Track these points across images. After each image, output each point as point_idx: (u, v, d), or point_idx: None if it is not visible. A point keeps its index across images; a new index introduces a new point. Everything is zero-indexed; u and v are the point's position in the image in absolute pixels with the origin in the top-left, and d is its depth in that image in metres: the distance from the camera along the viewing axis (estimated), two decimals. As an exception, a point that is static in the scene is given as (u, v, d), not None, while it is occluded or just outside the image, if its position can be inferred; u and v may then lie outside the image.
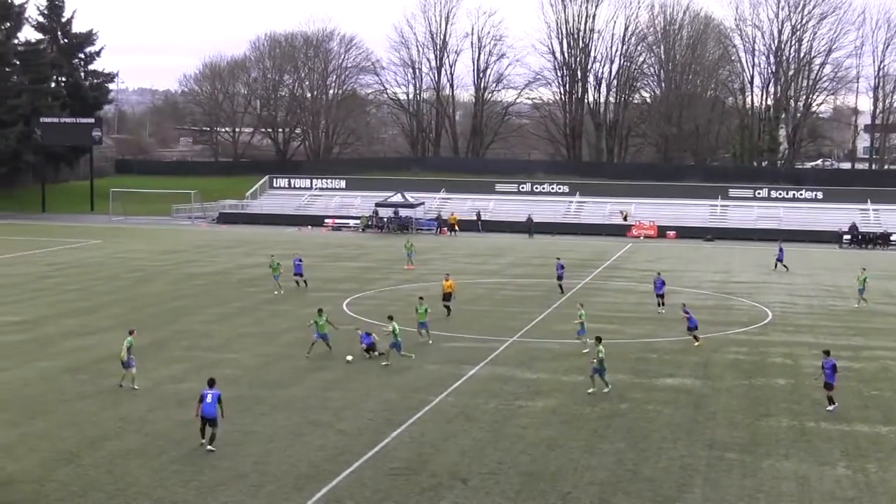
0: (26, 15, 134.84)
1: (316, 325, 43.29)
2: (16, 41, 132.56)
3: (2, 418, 33.51)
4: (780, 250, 76.87)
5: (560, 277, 62.21)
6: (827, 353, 36.37)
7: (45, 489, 27.13)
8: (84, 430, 32.22)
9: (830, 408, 35.05)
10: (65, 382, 38.48)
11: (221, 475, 28.15)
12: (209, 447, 30.26)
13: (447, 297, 53.18)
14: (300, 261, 63.58)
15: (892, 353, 46.02)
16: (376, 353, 42.65)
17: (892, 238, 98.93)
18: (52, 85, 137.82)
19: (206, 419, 30.34)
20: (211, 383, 31.27)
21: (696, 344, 45.98)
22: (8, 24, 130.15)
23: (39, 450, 30.32)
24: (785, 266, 75.07)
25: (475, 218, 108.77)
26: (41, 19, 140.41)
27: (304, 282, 63.05)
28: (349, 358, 41.78)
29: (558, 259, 64.11)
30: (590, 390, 37.17)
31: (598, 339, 37.97)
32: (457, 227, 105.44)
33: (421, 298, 47.23)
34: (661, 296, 55.73)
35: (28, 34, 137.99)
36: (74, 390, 37.26)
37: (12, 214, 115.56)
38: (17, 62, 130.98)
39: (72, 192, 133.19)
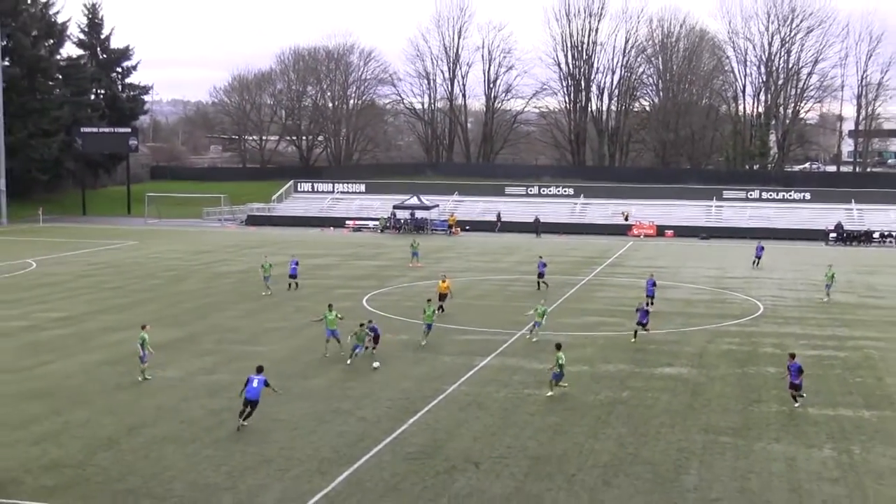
0: (68, 32, 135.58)
1: (326, 320, 42.69)
2: (58, 57, 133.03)
3: (47, 407, 33.71)
4: (760, 248, 76.64)
5: (541, 275, 61.68)
6: (792, 356, 35.29)
7: (87, 473, 27.28)
8: (122, 418, 32.36)
9: (797, 404, 34.21)
10: (104, 374, 38.63)
11: (250, 460, 28.26)
12: (243, 423, 30.96)
13: (442, 297, 51.86)
14: (296, 263, 62.07)
15: (874, 343, 46.01)
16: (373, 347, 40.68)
17: (874, 236, 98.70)
18: (92, 97, 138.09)
19: (249, 401, 31.08)
20: (259, 370, 32.06)
21: (633, 340, 45.03)
22: (51, 41, 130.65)
23: (81, 436, 30.47)
24: (756, 261, 75.15)
25: (496, 219, 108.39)
26: (82, 36, 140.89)
27: (296, 284, 60.64)
28: (376, 365, 39.64)
29: (541, 257, 63.91)
30: (549, 393, 35.47)
31: (558, 346, 36.26)
32: (454, 228, 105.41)
33: (429, 301, 46.46)
34: (651, 296, 53.92)
35: (70, 50, 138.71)
36: (113, 381, 37.41)
37: (55, 217, 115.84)
38: (60, 76, 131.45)
39: (110, 197, 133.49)
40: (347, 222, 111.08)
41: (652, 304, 52.88)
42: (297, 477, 26.94)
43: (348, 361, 40.19)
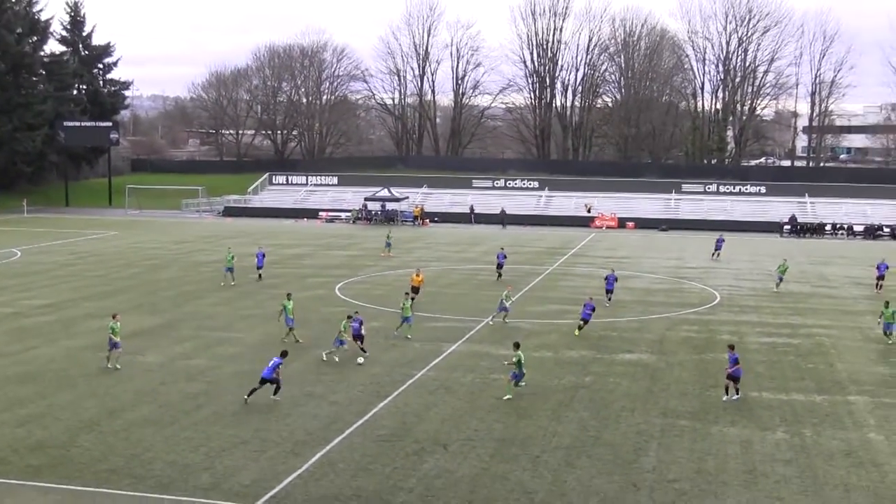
0: (51, 30, 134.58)
1: (285, 309, 42.30)
2: (42, 53, 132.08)
3: (31, 391, 33.60)
4: (721, 240, 76.38)
5: (500, 266, 61.22)
6: (731, 346, 34.56)
7: (70, 453, 27.22)
8: (104, 402, 32.26)
9: (729, 398, 33.19)
10: (86, 359, 38.44)
11: (226, 441, 28.22)
12: (274, 397, 32.25)
13: (416, 290, 51.10)
14: (263, 255, 61.09)
15: (826, 331, 46.33)
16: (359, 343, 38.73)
17: (827, 228, 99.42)
18: (74, 92, 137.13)
19: (263, 379, 32.06)
20: (283, 354, 33.12)
21: (577, 333, 43.81)
22: (35, 38, 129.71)
23: (65, 419, 30.39)
24: (716, 254, 74.79)
25: (469, 211, 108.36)
26: (65, 33, 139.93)
27: (260, 275, 59.69)
28: (360, 361, 38.04)
29: (502, 249, 63.97)
30: (507, 396, 33.31)
31: (517, 345, 34.54)
32: (421, 220, 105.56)
33: (407, 294, 46.27)
34: (611, 291, 52.46)
35: (53, 47, 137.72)
36: (95, 366, 37.22)
37: (39, 208, 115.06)
38: (43, 72, 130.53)
39: (92, 189, 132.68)
40: (321, 214, 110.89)
41: (609, 300, 52.11)
42: (272, 458, 26.93)
43: (324, 357, 38.90)
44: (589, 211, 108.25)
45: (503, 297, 47.56)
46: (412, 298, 47.96)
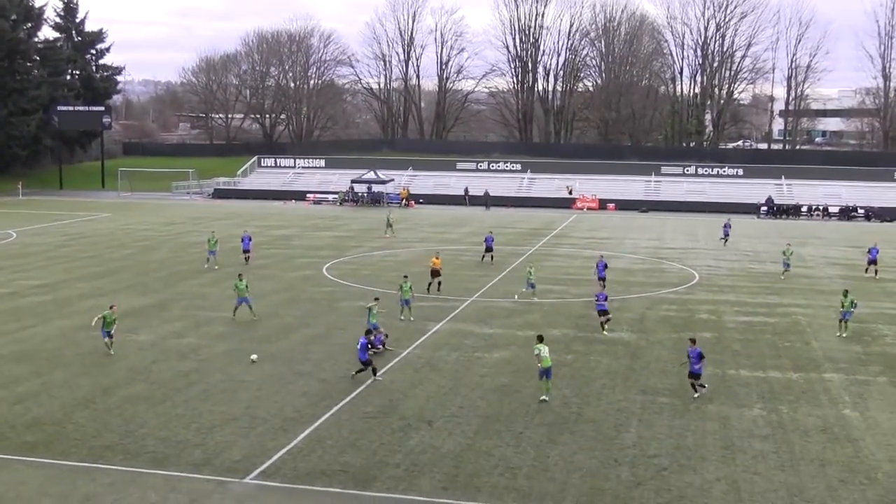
0: (45, 16, 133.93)
1: (237, 289, 42.36)
2: (36, 39, 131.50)
3: (27, 369, 33.52)
4: (728, 225, 72.91)
5: (489, 248, 59.91)
6: (693, 340, 31.88)
7: (66, 430, 27.18)
8: (97, 380, 32.18)
9: (696, 394, 30.99)
10: (80, 338, 38.29)
11: (217, 418, 28.18)
12: (377, 378, 32.34)
13: (435, 273, 49.05)
14: (249, 238, 59.88)
15: (802, 310, 46.43)
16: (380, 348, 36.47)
17: (803, 209, 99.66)
18: (68, 78, 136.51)
19: (362, 361, 32.28)
20: (367, 333, 33.57)
21: (605, 333, 40.10)
22: (29, 25, 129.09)
23: (60, 396, 30.33)
24: (724, 240, 71.43)
25: (463, 193, 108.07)
26: (58, 20, 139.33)
27: (247, 259, 58.20)
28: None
29: (490, 232, 63.65)
30: (542, 397, 30.45)
31: (540, 338, 31.16)
32: (407, 201, 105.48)
33: (406, 277, 44.87)
34: (603, 279, 49.68)
35: (47, 33, 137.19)
36: (89, 345, 37.07)
37: (34, 191, 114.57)
38: (37, 58, 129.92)
39: (85, 172, 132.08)
40: (308, 195, 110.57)
41: (604, 287, 47.44)
42: (261, 434, 26.90)
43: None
44: (570, 193, 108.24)
45: (528, 273, 48.34)
46: (438, 283, 48.46)
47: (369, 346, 32.99)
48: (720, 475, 24.46)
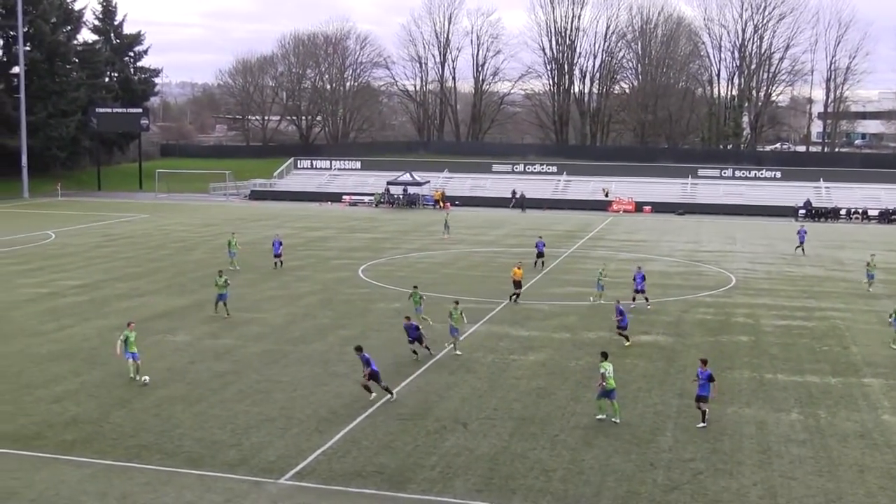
0: (84, 19, 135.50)
1: (216, 285, 43.44)
2: (75, 42, 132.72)
3: (66, 368, 33.82)
4: (804, 232, 69.14)
5: (541, 254, 59.02)
6: (704, 361, 28.94)
7: (103, 429, 27.38)
8: (135, 380, 32.35)
9: (700, 425, 28.22)
10: (118, 338, 38.51)
11: (253, 419, 28.29)
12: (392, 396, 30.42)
13: (517, 284, 47.42)
14: (280, 243, 59.18)
15: (840, 314, 46.03)
16: (423, 345, 35.96)
17: (841, 212, 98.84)
18: (106, 80, 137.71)
19: (374, 374, 30.12)
20: (357, 349, 30.88)
21: (627, 344, 38.32)
22: (69, 28, 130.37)
23: (97, 395, 30.57)
24: (802, 250, 67.75)
25: (511, 195, 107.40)
26: (97, 23, 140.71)
27: (280, 262, 57.69)
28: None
29: (540, 237, 61.89)
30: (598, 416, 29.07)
31: (604, 355, 29.58)
32: (443, 203, 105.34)
33: (415, 287, 43.03)
34: (642, 291, 46.96)
35: (86, 36, 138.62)
36: (125, 345, 37.34)
37: (73, 192, 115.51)
38: (77, 60, 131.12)
39: (123, 173, 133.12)
40: (344, 197, 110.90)
41: (647, 299, 46.92)
42: (297, 435, 26.97)
43: (457, 351, 36.91)
44: (606, 195, 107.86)
45: (599, 274, 48.50)
46: (517, 294, 47.25)
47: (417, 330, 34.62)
48: (757, 480, 24.27)
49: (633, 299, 46.72)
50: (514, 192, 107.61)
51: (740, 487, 23.78)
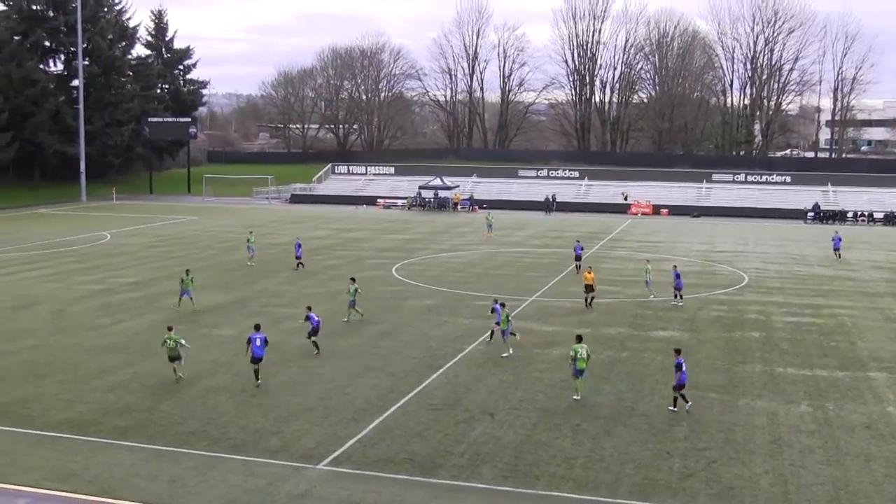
0: (138, 35, 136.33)
1: (182, 282, 44.06)
2: (130, 56, 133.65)
3: (119, 360, 34.05)
4: (838, 239, 66.20)
5: (578, 258, 57.58)
6: (678, 351, 29.25)
7: (154, 417, 27.56)
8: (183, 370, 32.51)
9: (673, 407, 28.63)
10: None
11: (293, 408, 28.35)
12: (258, 382, 30.85)
13: (589, 288, 45.50)
14: (300, 245, 58.53)
15: (848, 311, 45.60)
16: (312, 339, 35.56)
17: (848, 215, 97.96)
18: (158, 91, 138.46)
19: (256, 360, 30.79)
20: (257, 328, 31.86)
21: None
22: (124, 43, 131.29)
23: (149, 385, 30.75)
24: (837, 253, 65.25)
25: (549, 199, 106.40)
26: (150, 39, 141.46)
27: (301, 264, 56.81)
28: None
29: (577, 241, 60.87)
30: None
31: (578, 338, 30.87)
32: (458, 206, 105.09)
33: (353, 279, 42.91)
34: (679, 289, 46.82)
35: (139, 51, 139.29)
36: (174, 339, 37.56)
37: (126, 196, 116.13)
38: (131, 73, 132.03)
39: (173, 178, 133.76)
40: (379, 201, 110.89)
41: (680, 297, 46.87)
42: (334, 424, 27.00)
43: (507, 353, 35.57)
44: (626, 199, 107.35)
45: (646, 271, 48.75)
46: (591, 299, 45.23)
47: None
48: (768, 468, 24.09)
49: (675, 296, 46.99)
50: (553, 197, 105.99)
51: (752, 475, 23.61)
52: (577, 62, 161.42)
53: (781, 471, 23.96)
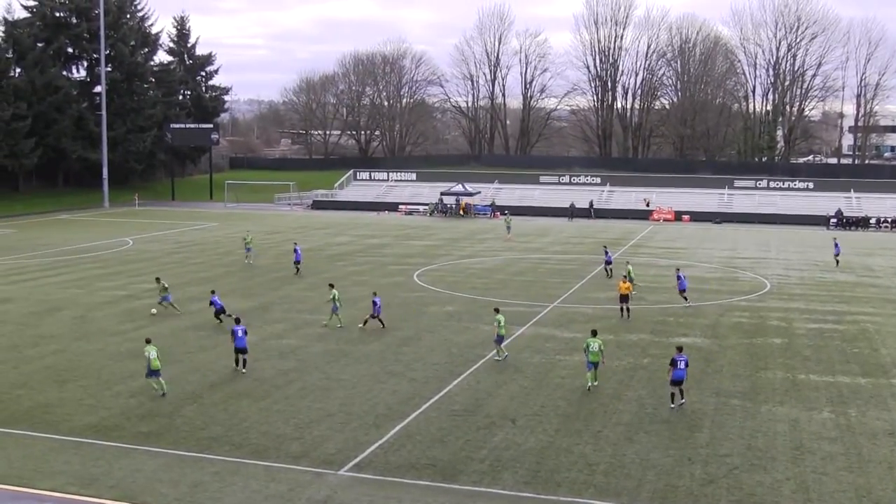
0: (160, 42, 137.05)
1: (159, 289, 45.36)
2: (152, 63, 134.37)
3: (142, 365, 33.76)
4: (836, 245, 65.82)
5: (608, 262, 58.06)
6: (679, 348, 30.32)
7: (176, 422, 27.69)
8: (205, 376, 32.72)
9: (674, 405, 29.43)
10: (189, 337, 39.02)
11: (314, 414, 28.44)
12: (243, 370, 32.60)
13: (624, 298, 44.91)
14: (298, 250, 58.65)
15: (871, 318, 45.36)
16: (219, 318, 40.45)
17: (871, 221, 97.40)
18: (180, 98, 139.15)
19: (239, 349, 32.91)
20: (238, 321, 33.60)
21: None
22: (146, 50, 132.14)
23: (170, 391, 30.85)
24: (837, 261, 64.62)
25: (588, 206, 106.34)
26: (172, 45, 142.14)
27: (297, 269, 57.34)
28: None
29: (605, 247, 61.70)
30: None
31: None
32: (463, 212, 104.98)
33: (331, 286, 42.86)
34: (683, 291, 48.02)
35: (161, 57, 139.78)
36: (197, 344, 37.77)
37: (148, 202, 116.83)
38: (153, 80, 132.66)
39: (195, 184, 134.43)
40: (400, 207, 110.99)
41: (686, 299, 47.83)
42: (355, 429, 27.07)
43: (500, 357, 35.75)
44: (647, 205, 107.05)
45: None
46: (626, 309, 44.52)
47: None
48: (790, 475, 24.01)
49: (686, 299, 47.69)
50: (591, 203, 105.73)
51: (774, 482, 23.54)
52: (598, 68, 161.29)
53: (803, 478, 23.87)
